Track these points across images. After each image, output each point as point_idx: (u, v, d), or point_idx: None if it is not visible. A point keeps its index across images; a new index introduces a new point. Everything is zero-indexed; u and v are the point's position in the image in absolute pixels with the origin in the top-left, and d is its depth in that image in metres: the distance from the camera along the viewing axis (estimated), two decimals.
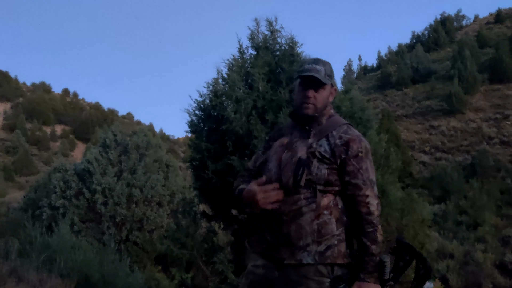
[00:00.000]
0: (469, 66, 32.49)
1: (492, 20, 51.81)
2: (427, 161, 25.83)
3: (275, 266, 2.11)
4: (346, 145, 2.11)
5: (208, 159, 6.02)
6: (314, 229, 2.06)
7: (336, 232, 2.08)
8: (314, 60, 2.31)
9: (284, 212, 2.10)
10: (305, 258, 2.04)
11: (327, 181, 2.08)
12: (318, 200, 2.08)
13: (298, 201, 2.09)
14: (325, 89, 2.23)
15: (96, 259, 6.79)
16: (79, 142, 57.34)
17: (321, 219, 2.07)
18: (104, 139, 8.83)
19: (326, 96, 2.23)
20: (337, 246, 2.06)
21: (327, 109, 2.25)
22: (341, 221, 2.10)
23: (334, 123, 2.21)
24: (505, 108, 28.97)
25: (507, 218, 17.19)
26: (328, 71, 2.25)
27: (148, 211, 8.50)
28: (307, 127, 2.20)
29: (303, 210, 2.08)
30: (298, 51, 5.71)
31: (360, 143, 2.13)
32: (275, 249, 2.11)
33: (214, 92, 5.86)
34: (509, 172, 21.33)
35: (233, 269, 7.49)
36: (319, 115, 2.21)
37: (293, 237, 2.07)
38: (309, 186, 2.08)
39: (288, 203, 2.10)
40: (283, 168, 2.15)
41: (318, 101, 2.21)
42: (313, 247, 2.05)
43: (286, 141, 2.25)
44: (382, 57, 57.07)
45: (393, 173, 8.12)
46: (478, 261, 12.43)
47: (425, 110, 32.70)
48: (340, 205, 2.12)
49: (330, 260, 2.04)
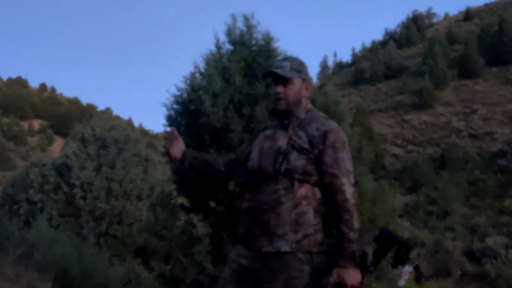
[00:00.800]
0: (439, 62, 33.30)
1: (462, 18, 53.03)
2: (399, 153, 26.45)
3: (257, 256, 2.19)
4: (323, 136, 2.18)
5: None
6: (292, 218, 2.13)
7: (313, 222, 2.15)
8: (283, 58, 2.44)
9: (264, 201, 2.19)
10: (282, 246, 2.12)
11: (305, 171, 2.16)
12: (296, 190, 2.15)
13: (277, 191, 2.17)
14: (294, 84, 2.29)
15: (74, 253, 6.76)
16: (57, 137, 56.31)
17: (299, 209, 2.15)
18: (83, 134, 8.83)
19: (296, 90, 2.30)
20: (314, 236, 2.13)
21: (303, 103, 2.32)
22: (319, 211, 2.17)
23: (312, 116, 2.29)
24: (473, 102, 29.82)
25: (474, 208, 17.79)
26: (296, 66, 2.33)
27: (127, 205, 8.54)
28: (285, 122, 2.29)
29: (282, 199, 2.16)
30: (274, 46, 5.87)
31: (337, 134, 2.20)
32: (255, 238, 2.19)
33: (192, 86, 5.96)
34: (477, 164, 22.01)
35: (211, 260, 7.64)
36: (295, 109, 2.28)
37: (272, 226, 2.15)
38: (287, 176, 2.16)
39: (267, 193, 2.19)
40: (264, 155, 2.26)
41: (288, 95, 2.28)
42: (291, 236, 2.12)
43: (269, 133, 2.35)
44: (356, 54, 57.86)
45: (366, 165, 8.42)
46: (448, 249, 12.88)
47: (397, 105, 33.39)
48: (318, 196, 2.19)
49: (306, 248, 2.12)
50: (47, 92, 74.14)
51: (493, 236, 13.83)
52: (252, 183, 2.30)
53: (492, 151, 23.12)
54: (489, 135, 25.32)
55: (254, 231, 2.21)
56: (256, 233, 2.20)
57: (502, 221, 15.48)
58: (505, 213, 16.29)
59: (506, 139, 23.91)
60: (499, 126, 25.95)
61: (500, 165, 20.88)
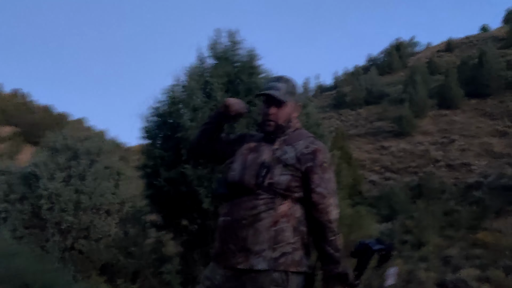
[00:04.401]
0: (420, 91, 33.91)
1: (443, 49, 54.47)
2: (377, 180, 26.59)
3: (232, 275, 2.10)
4: (313, 154, 2.14)
5: (161, 166, 5.96)
6: (271, 236, 2.07)
7: (291, 240, 2.08)
8: (277, 78, 2.37)
9: (243, 216, 2.11)
10: (259, 263, 2.04)
11: (288, 187, 2.10)
12: (277, 206, 2.09)
13: (257, 206, 2.10)
14: (287, 106, 2.26)
15: (37, 267, 6.49)
16: (27, 145, 55.19)
17: (278, 226, 2.08)
18: (54, 143, 8.53)
19: (288, 112, 2.27)
20: (292, 254, 2.06)
21: (292, 122, 2.29)
22: (298, 230, 2.11)
23: (301, 134, 2.26)
24: (451, 133, 30.34)
25: (449, 239, 17.89)
26: (290, 88, 2.29)
27: (96, 219, 8.23)
28: (272, 136, 2.24)
29: (261, 215, 2.09)
30: (258, 64, 5.79)
31: (325, 154, 2.19)
32: (231, 254, 2.11)
33: (172, 99, 5.83)
34: (453, 195, 22.26)
35: (181, 280, 7.39)
36: (284, 128, 2.25)
37: (249, 242, 2.07)
38: (269, 191, 2.10)
39: (247, 208, 2.12)
40: (247, 168, 2.18)
41: (279, 118, 2.25)
42: (268, 253, 2.05)
43: (254, 145, 2.29)
44: (338, 77, 58.65)
45: (344, 189, 8.33)
46: (421, 280, 12.84)
47: (377, 131, 33.75)
48: (298, 214, 2.13)
49: (283, 267, 2.04)
50: (19, 98, 72.91)
51: (466, 268, 13.87)
52: (231, 195, 2.21)
53: (468, 182, 23.45)
54: (466, 166, 25.70)
55: (230, 247, 2.11)
56: (232, 249, 2.11)
57: (475, 253, 15.57)
58: (478, 245, 16.39)
59: (482, 171, 24.29)
60: (476, 158, 26.38)
61: (475, 197, 21.15)
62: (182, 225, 6.62)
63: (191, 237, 6.57)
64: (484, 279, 12.85)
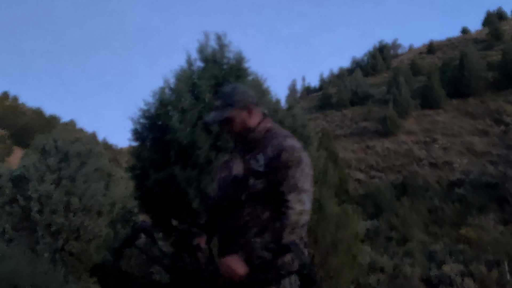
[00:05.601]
0: (403, 92, 34.30)
1: (425, 51, 55.03)
2: (362, 179, 26.84)
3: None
4: (277, 156, 2.16)
5: (150, 168, 6.04)
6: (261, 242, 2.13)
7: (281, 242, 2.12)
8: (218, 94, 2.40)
9: (232, 227, 2.22)
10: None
11: (265, 193, 2.17)
12: (260, 214, 2.17)
13: (243, 216, 2.19)
14: (232, 118, 2.28)
15: (27, 269, 6.51)
16: (17, 148, 54.37)
17: (266, 232, 2.15)
18: (44, 145, 8.55)
19: (238, 121, 2.28)
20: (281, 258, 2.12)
21: (260, 125, 2.30)
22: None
23: (272, 136, 2.27)
24: (434, 132, 30.74)
25: (433, 235, 18.16)
26: (227, 99, 2.29)
27: (86, 221, 8.27)
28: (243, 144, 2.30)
29: (248, 224, 2.18)
30: (245, 66, 5.92)
31: (291, 153, 2.17)
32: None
33: (161, 101, 5.92)
34: (436, 192, 22.57)
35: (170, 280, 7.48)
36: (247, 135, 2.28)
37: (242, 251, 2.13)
38: (249, 202, 2.18)
39: (235, 218, 2.21)
40: (222, 187, 2.29)
41: (233, 131, 2.30)
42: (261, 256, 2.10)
43: (224, 161, 2.38)
44: (324, 79, 59.01)
45: (331, 188, 8.48)
46: (406, 275, 13.04)
47: (362, 131, 34.05)
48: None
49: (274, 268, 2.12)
50: (8, 100, 71.77)
51: (450, 263, 14.11)
52: (219, 212, 2.31)
53: (451, 180, 23.80)
54: (448, 165, 26.08)
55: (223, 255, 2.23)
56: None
57: (459, 249, 15.82)
58: (462, 241, 16.69)
59: (464, 169, 24.69)
60: (458, 156, 26.78)
61: (458, 194, 21.48)
62: (172, 225, 6.69)
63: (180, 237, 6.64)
64: (467, 273, 13.10)
